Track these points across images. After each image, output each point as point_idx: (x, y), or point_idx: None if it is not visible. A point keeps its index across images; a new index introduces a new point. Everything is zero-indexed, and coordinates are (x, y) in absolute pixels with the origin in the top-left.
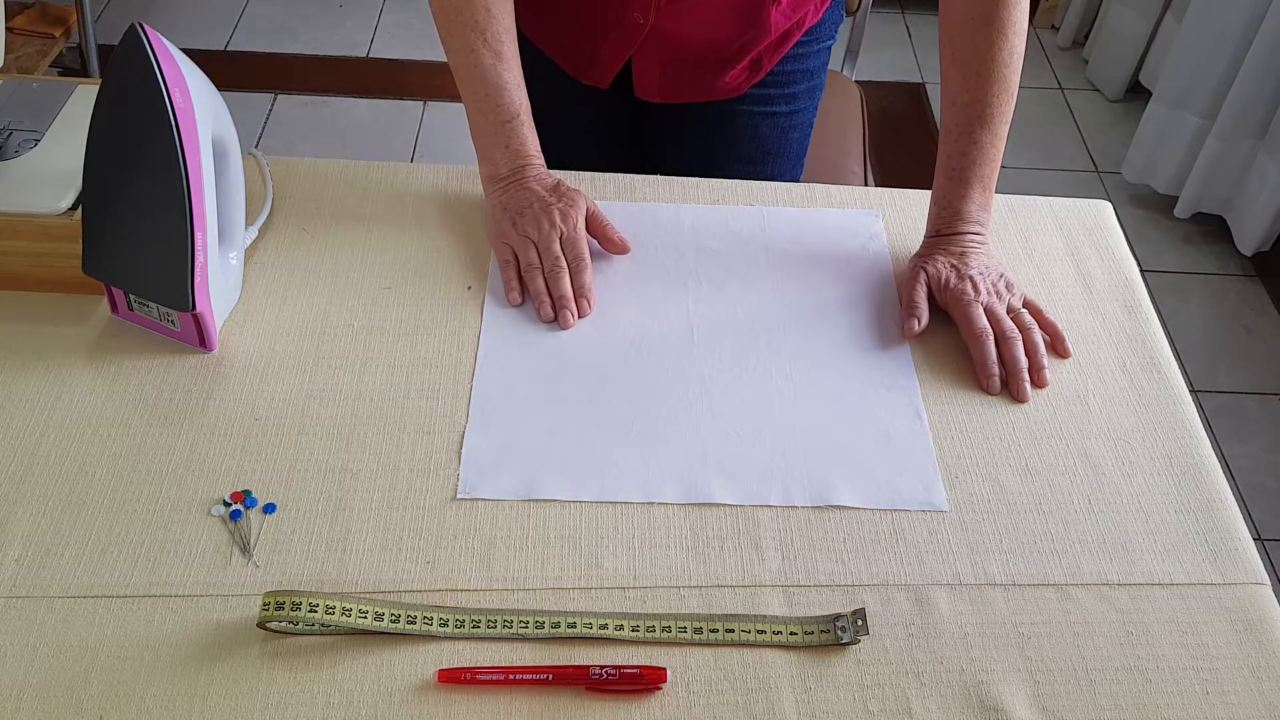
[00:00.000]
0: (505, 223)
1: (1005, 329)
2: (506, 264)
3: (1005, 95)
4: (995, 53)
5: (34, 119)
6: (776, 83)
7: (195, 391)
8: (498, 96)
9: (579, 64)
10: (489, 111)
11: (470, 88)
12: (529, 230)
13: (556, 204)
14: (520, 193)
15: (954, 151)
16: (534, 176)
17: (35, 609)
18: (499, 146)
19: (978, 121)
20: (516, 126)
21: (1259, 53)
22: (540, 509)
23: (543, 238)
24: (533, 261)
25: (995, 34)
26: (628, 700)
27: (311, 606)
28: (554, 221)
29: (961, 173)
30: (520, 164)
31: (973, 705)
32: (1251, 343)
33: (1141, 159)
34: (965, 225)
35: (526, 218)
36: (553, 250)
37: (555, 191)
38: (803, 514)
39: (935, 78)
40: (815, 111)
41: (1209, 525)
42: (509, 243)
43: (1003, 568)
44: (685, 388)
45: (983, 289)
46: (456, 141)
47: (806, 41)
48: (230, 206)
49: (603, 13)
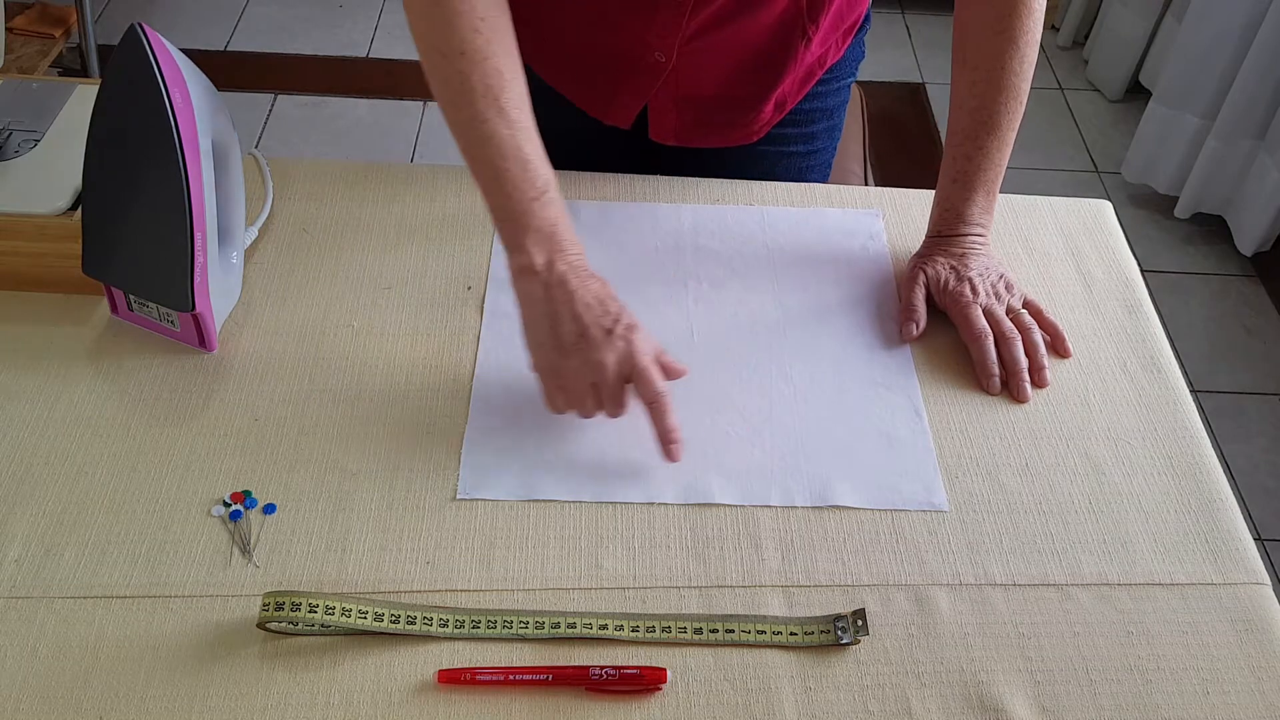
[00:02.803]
0: (551, 349)
1: (1004, 330)
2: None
3: (1015, 103)
4: (1007, 60)
5: (34, 119)
6: (795, 122)
7: (195, 391)
8: (521, 170)
9: (598, 104)
10: (512, 190)
11: (486, 164)
12: (590, 368)
13: (617, 328)
14: (564, 299)
15: (959, 155)
16: (577, 269)
17: (35, 609)
18: (529, 231)
19: (985, 127)
20: (545, 206)
21: (1259, 53)
22: (540, 509)
23: (608, 384)
24: (589, 413)
25: (1008, 42)
26: (628, 700)
27: (311, 607)
28: (621, 353)
29: (966, 176)
30: (555, 249)
31: (973, 705)
32: (1251, 343)
33: (1141, 159)
34: (966, 227)
35: (587, 347)
36: (617, 399)
37: (604, 301)
38: (803, 514)
39: (935, 78)
40: (834, 152)
41: (1209, 525)
42: (562, 384)
43: (1003, 568)
44: (685, 388)
45: (982, 290)
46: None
47: (827, 80)
48: (230, 206)
49: (622, 51)
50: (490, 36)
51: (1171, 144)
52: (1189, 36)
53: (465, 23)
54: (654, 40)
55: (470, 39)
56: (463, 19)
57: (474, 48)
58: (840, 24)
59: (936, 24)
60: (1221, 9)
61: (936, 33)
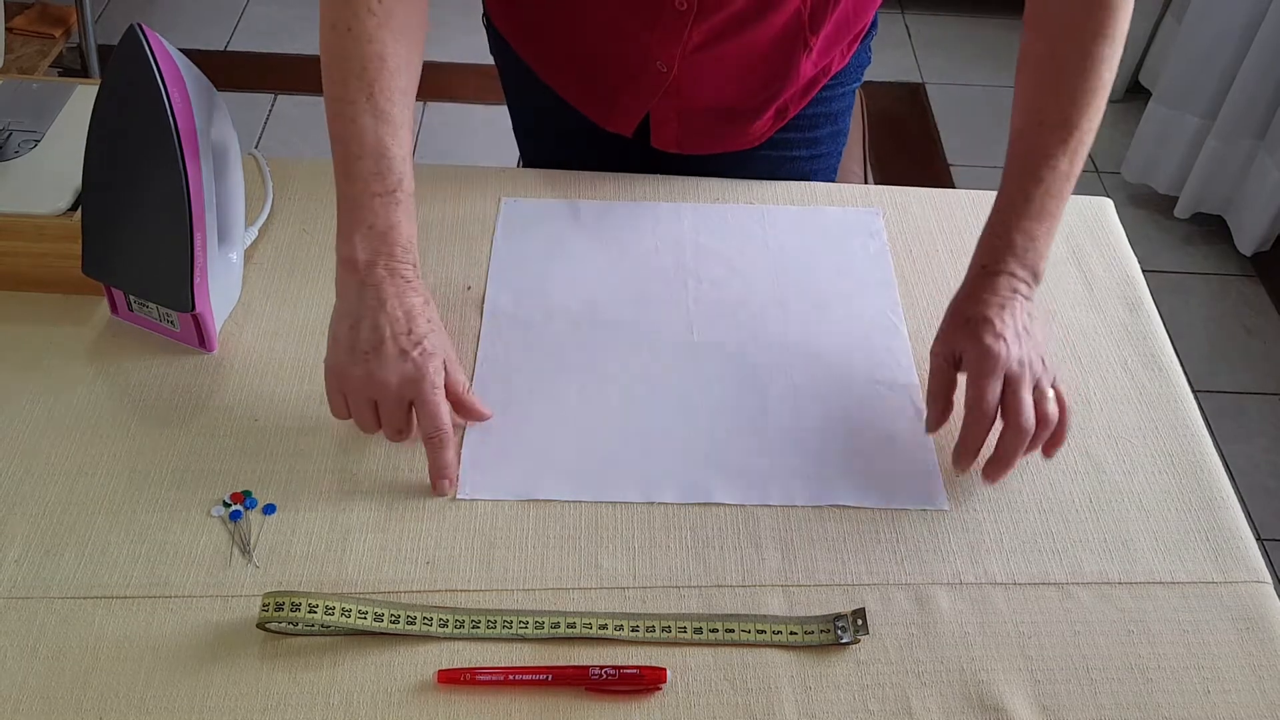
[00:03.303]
0: (343, 350)
1: (1022, 420)
2: (338, 403)
3: (1099, 118)
4: (1106, 69)
5: (34, 119)
6: (798, 127)
7: (195, 392)
8: (374, 162)
9: (599, 112)
10: (358, 179)
11: (342, 147)
12: (373, 384)
13: (413, 350)
14: (373, 304)
15: (1030, 177)
16: (398, 277)
17: (35, 609)
18: (361, 225)
19: (1063, 147)
20: (388, 204)
21: (1259, 53)
22: (540, 509)
23: (387, 404)
24: (369, 427)
25: (1106, 45)
26: (627, 700)
27: (311, 607)
28: (407, 375)
29: (1030, 202)
30: (383, 250)
31: (973, 705)
32: (1251, 343)
33: (1141, 159)
34: (1015, 265)
35: (374, 359)
36: (396, 423)
37: (413, 319)
38: (803, 514)
39: (935, 78)
40: (839, 157)
41: (1210, 523)
42: (342, 388)
43: (1003, 567)
44: (685, 387)
45: (1015, 356)
46: (456, 141)
47: (831, 85)
48: (230, 206)
49: (625, 61)
50: (383, 21)
51: (1171, 144)
52: (1189, 36)
53: (361, 0)
54: (656, 51)
55: (362, 18)
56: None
57: (363, 27)
58: (845, 34)
59: (936, 24)
60: (1221, 9)
61: (936, 33)
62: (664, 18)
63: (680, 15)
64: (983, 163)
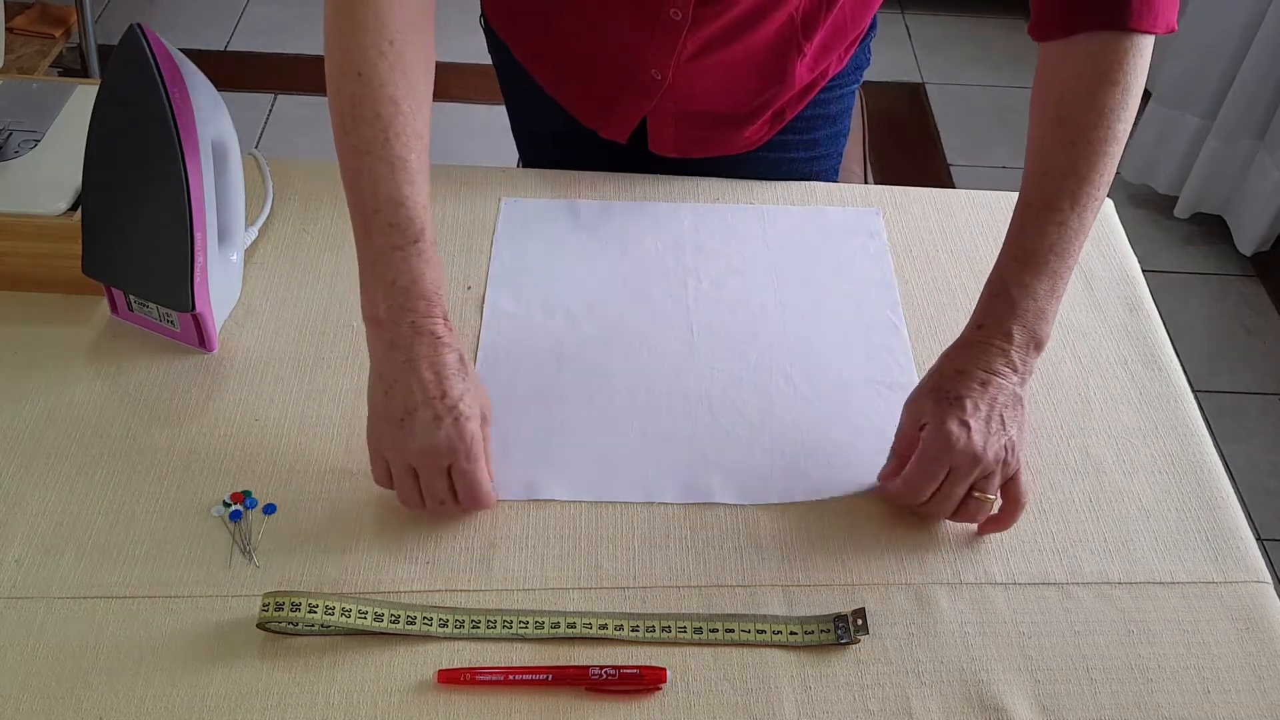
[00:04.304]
0: (379, 419)
1: (939, 510)
2: (380, 471)
3: (1110, 173)
4: (1115, 119)
5: (34, 119)
6: (796, 129)
7: (195, 391)
8: (392, 213)
9: (595, 118)
10: (377, 232)
11: (357, 198)
12: (408, 453)
13: (447, 416)
14: (403, 366)
15: (1033, 230)
16: (425, 334)
17: (35, 609)
18: (383, 282)
19: (1070, 200)
20: (409, 257)
21: (1259, 53)
22: (540, 509)
23: (426, 474)
24: (411, 501)
25: (1121, 94)
26: (627, 700)
27: (311, 607)
28: (440, 445)
29: (1034, 256)
30: (408, 307)
31: (973, 705)
32: (1251, 343)
33: (1141, 159)
34: (1014, 327)
35: (407, 428)
36: (437, 493)
37: (445, 380)
38: (803, 514)
39: (935, 78)
40: (839, 158)
41: (1210, 523)
42: (384, 456)
43: (1003, 566)
44: (685, 387)
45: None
46: (456, 141)
47: (830, 87)
48: (230, 206)
49: (620, 69)
50: (394, 62)
51: (1171, 144)
52: (1189, 36)
53: (371, 42)
54: (651, 59)
55: (373, 61)
56: (369, 37)
57: (374, 71)
58: (842, 39)
59: (936, 24)
60: (1221, 9)
61: (936, 33)
62: (659, 27)
63: (675, 25)
64: (983, 163)
